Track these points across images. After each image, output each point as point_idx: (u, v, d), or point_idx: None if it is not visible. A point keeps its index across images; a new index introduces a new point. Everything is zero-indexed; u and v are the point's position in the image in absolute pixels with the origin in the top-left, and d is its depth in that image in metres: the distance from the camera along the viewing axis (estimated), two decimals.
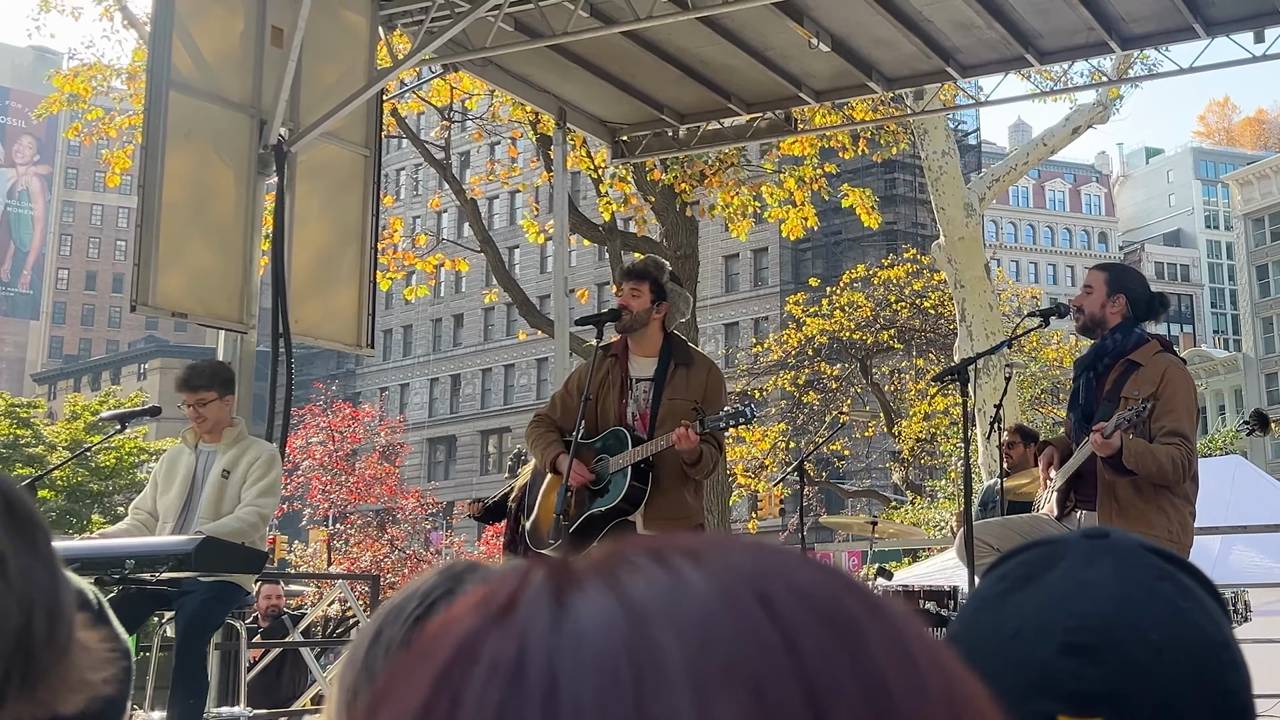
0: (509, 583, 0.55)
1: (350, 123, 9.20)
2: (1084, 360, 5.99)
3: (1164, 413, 5.53)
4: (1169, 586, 0.99)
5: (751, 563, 0.55)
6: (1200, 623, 0.97)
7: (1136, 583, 0.98)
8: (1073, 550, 1.01)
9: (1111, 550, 1.01)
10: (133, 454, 36.38)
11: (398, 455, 47.24)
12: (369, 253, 9.32)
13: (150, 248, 7.73)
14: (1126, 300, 5.85)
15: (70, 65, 18.68)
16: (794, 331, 32.53)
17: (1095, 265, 6.25)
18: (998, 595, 1.02)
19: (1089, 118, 18.11)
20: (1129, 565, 0.99)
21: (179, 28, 8.13)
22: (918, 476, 32.83)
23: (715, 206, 17.21)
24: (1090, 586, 0.98)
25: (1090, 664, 0.94)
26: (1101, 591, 0.97)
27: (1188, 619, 0.97)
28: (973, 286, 16.68)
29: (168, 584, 5.96)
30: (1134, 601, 0.96)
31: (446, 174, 19.38)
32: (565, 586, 0.54)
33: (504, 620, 0.53)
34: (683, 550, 0.55)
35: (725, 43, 10.20)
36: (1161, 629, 0.95)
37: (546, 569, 0.56)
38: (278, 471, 6.56)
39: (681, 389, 6.31)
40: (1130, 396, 5.56)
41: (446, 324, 67.21)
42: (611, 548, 0.57)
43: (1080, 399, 5.86)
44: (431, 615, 1.38)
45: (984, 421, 14.95)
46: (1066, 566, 1.00)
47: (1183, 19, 9.64)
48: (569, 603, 0.52)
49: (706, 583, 0.53)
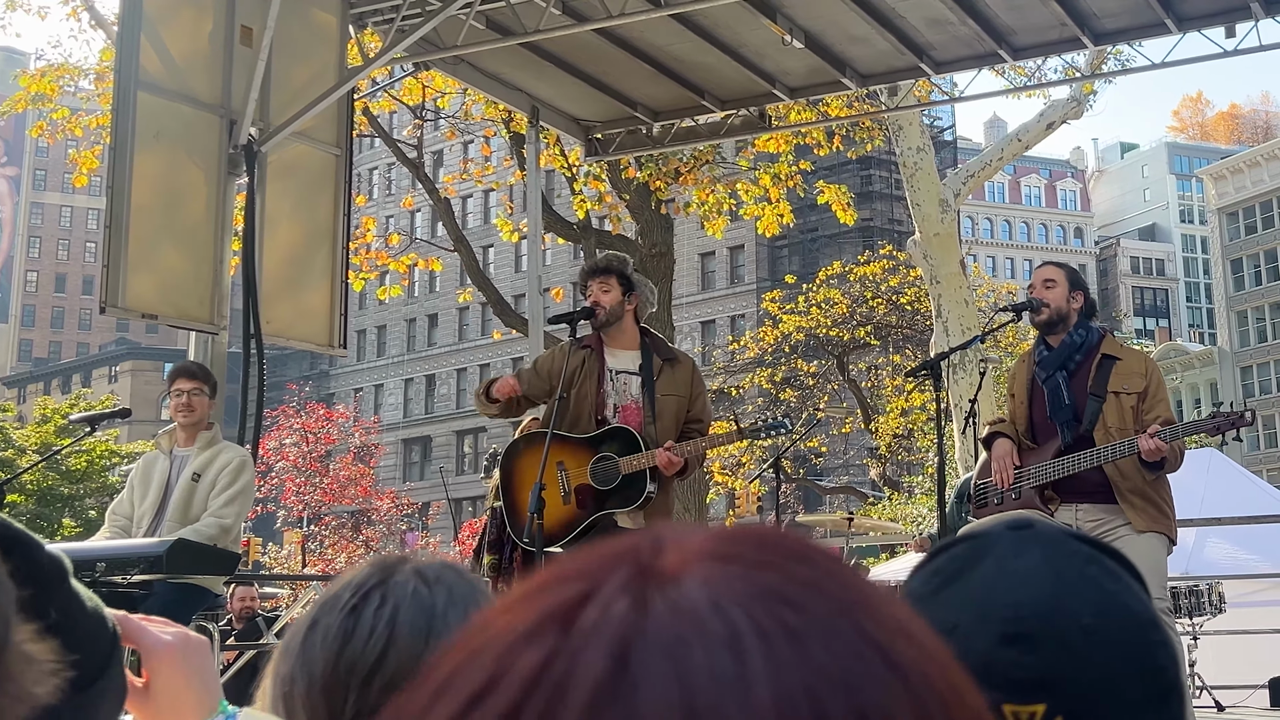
0: (587, 570, 0.54)
1: (321, 122, 9.15)
2: (1053, 359, 5.98)
3: (1155, 403, 5.79)
4: (1096, 570, 1.00)
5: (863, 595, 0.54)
6: (1129, 603, 0.99)
7: (1066, 569, 0.99)
8: (1000, 541, 1.03)
9: (1038, 539, 1.02)
10: (103, 457, 36.21)
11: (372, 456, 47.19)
12: (340, 253, 9.27)
13: (120, 249, 7.67)
14: (1083, 297, 6.04)
15: (37, 65, 18.53)
16: (770, 329, 32.54)
17: (1048, 263, 6.33)
18: (931, 591, 1.02)
19: (1063, 113, 18.14)
20: (1057, 552, 1.01)
21: (147, 28, 8.06)
22: (895, 472, 32.89)
23: (690, 204, 17.20)
24: (1022, 575, 0.99)
25: (1028, 651, 0.95)
26: (1034, 579, 0.98)
27: (1117, 601, 0.99)
28: (948, 282, 16.69)
29: (139, 587, 5.92)
30: (1065, 587, 0.98)
31: (419, 173, 19.32)
32: (652, 588, 0.52)
33: (565, 629, 0.51)
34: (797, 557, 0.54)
35: (699, 40, 10.19)
36: (1093, 612, 0.97)
37: (631, 558, 0.54)
38: (248, 478, 6.53)
39: (670, 385, 6.37)
40: (1121, 391, 5.76)
41: (420, 324, 67.08)
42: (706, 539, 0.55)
43: (1066, 399, 5.86)
44: (365, 605, 1.43)
45: (959, 416, 14.97)
46: (996, 558, 1.01)
47: (1154, 14, 9.67)
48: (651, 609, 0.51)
49: (822, 629, 0.52)
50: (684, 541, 0.55)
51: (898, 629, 0.53)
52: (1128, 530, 5.66)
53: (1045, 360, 6.01)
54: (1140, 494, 5.70)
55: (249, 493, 6.55)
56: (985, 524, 1.11)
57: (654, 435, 6.23)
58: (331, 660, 1.41)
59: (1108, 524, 5.70)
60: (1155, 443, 5.49)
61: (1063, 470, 5.81)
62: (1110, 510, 5.74)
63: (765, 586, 0.52)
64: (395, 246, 21.03)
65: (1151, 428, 5.56)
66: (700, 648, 0.49)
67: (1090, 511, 5.78)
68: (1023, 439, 6.02)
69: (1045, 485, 5.88)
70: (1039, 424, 6.00)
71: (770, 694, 0.48)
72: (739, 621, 0.50)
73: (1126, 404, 5.77)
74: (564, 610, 0.52)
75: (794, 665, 0.49)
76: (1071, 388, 5.88)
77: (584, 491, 6.26)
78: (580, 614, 0.51)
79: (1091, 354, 5.89)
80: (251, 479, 6.58)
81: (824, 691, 0.49)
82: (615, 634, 0.50)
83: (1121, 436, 5.68)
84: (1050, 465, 5.84)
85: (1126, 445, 5.61)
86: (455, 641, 0.55)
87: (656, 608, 0.51)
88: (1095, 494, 5.78)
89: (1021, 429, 6.05)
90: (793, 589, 0.53)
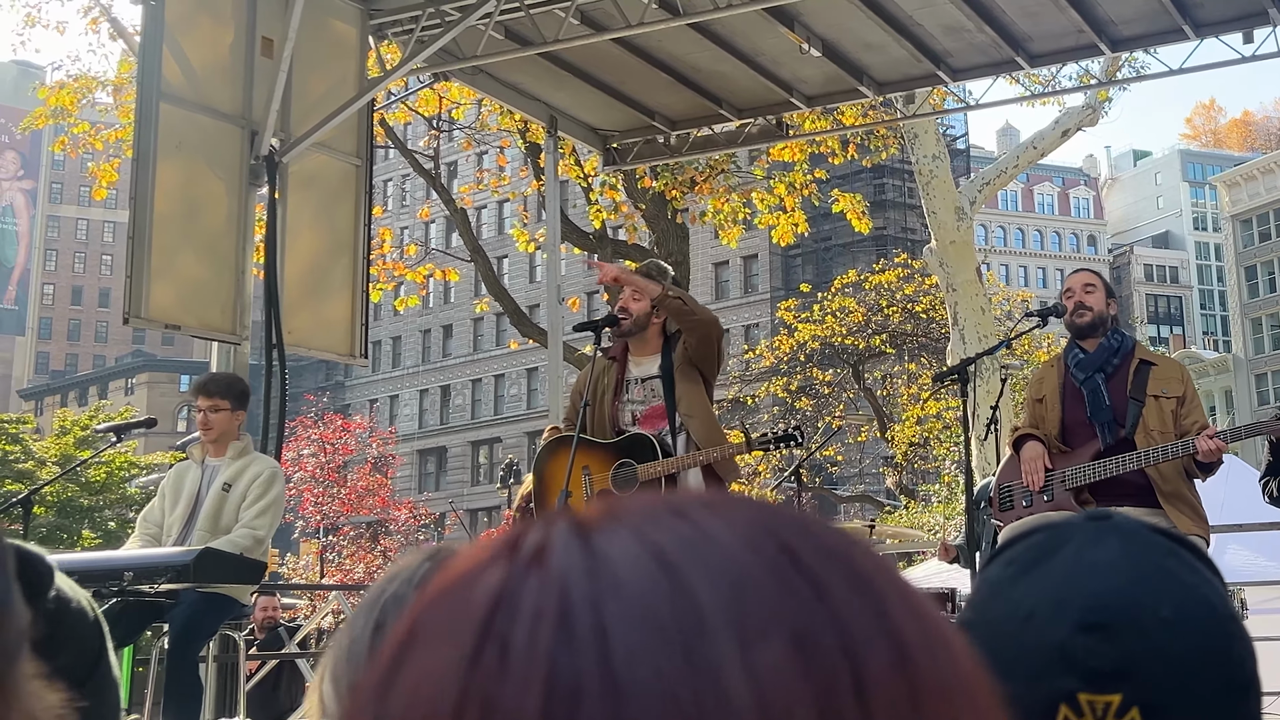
0: (532, 533, 0.56)
1: (341, 133, 9.19)
2: (1091, 362, 6.01)
3: (1193, 408, 5.91)
4: (1175, 563, 1.01)
5: (769, 518, 0.56)
6: (1208, 597, 0.99)
7: (1145, 561, 1.00)
8: (1079, 532, 1.03)
9: (1117, 530, 1.03)
10: (123, 469, 36.28)
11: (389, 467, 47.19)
12: (361, 262, 9.30)
13: (142, 260, 7.71)
14: (1116, 305, 6.20)
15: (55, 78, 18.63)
16: (785, 337, 32.51)
17: (1084, 268, 6.41)
18: (1008, 579, 1.03)
19: (1078, 121, 18.14)
20: (1136, 544, 1.01)
21: (169, 39, 8.11)
22: (911, 481, 32.82)
23: (706, 213, 17.22)
24: (1100, 566, 0.99)
25: (1106, 641, 0.95)
26: (1112, 570, 0.99)
27: (1196, 594, 0.99)
28: (965, 290, 16.68)
29: (166, 596, 5.94)
30: (1144, 579, 0.98)
31: (435, 184, 19.37)
32: (591, 536, 0.54)
33: (537, 568, 0.53)
34: (700, 504, 0.56)
35: (716, 49, 10.21)
36: (1172, 605, 0.97)
37: (566, 520, 0.56)
38: (279, 490, 6.53)
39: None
40: (1161, 395, 5.86)
41: (436, 334, 67.13)
42: (621, 503, 0.57)
43: (1106, 401, 5.89)
44: None
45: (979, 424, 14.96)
46: (1074, 548, 1.02)
47: (1172, 20, 9.67)
48: (599, 552, 0.53)
49: (730, 534, 0.54)
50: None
51: (879, 577, 0.55)
52: None
53: (1083, 362, 6.02)
54: (1179, 497, 5.75)
55: (280, 504, 6.55)
56: (1063, 516, 1.12)
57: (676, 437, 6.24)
58: None
59: None
60: (1216, 443, 5.56)
61: (1107, 471, 5.81)
62: (1152, 513, 5.71)
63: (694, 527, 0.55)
64: (411, 257, 21.08)
65: (1210, 429, 5.64)
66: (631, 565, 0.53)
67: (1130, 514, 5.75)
68: (1053, 443, 6.03)
69: (1081, 487, 5.89)
70: (1071, 427, 6.00)
71: (708, 595, 0.51)
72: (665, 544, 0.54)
73: (1167, 408, 5.83)
74: (510, 546, 0.56)
75: (727, 571, 0.52)
76: (1110, 390, 5.92)
77: (605, 497, 6.27)
78: (524, 544, 0.55)
79: (1128, 358, 5.98)
80: (282, 490, 6.59)
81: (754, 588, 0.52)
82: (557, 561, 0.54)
83: (1163, 439, 5.73)
84: (1091, 466, 5.83)
85: (1180, 446, 5.65)
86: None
87: (597, 539, 0.54)
88: (1136, 495, 5.77)
89: (1053, 433, 6.04)
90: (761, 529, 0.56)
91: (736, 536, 0.53)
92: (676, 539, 0.53)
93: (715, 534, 0.53)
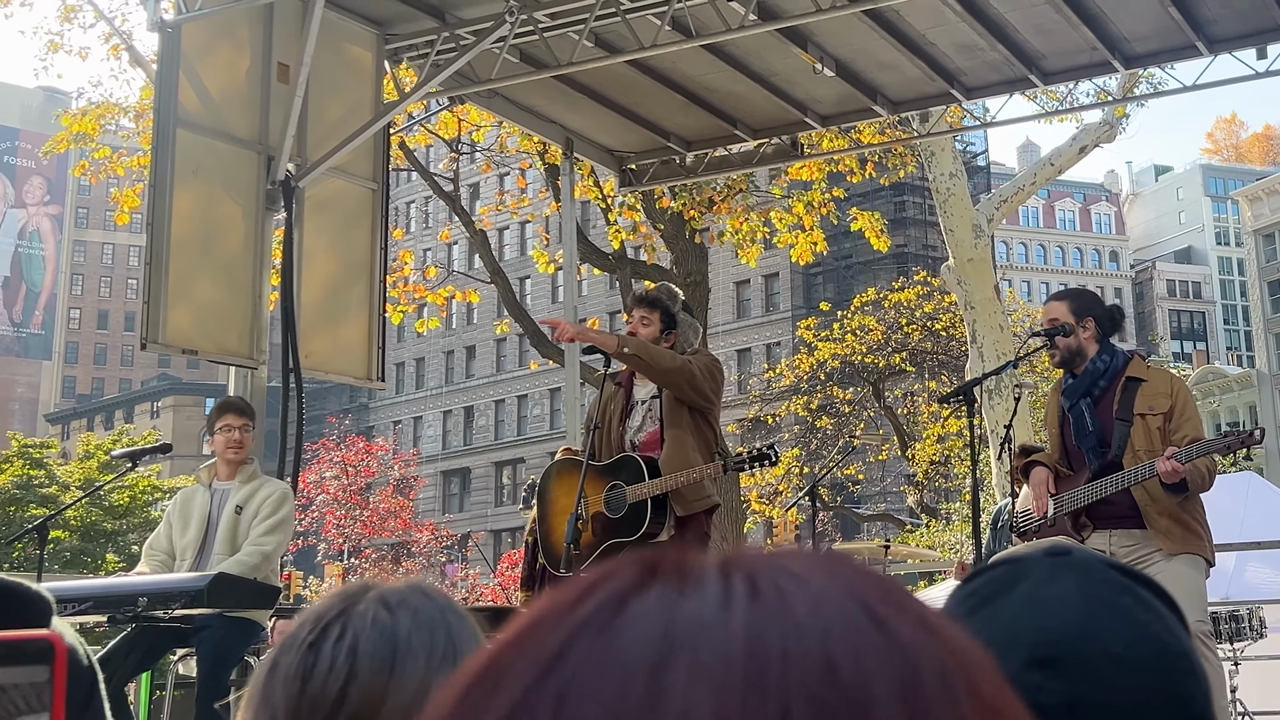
0: (611, 580, 0.56)
1: (357, 157, 9.24)
2: (1076, 388, 5.93)
3: (1183, 422, 5.72)
4: (1129, 601, 1.01)
5: (853, 573, 0.57)
6: (1160, 635, 1.00)
7: (1099, 598, 1.00)
8: (1037, 567, 1.04)
9: (1074, 567, 1.03)
10: (146, 492, 36.39)
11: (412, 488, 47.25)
12: (378, 286, 9.35)
13: (159, 285, 7.77)
14: (1095, 322, 5.94)
15: (79, 105, 18.78)
16: (806, 356, 32.49)
17: (1052, 297, 6.24)
18: (965, 613, 1.04)
19: (1096, 137, 18.10)
20: (1091, 581, 1.02)
21: (185, 66, 8.18)
22: (932, 499, 32.73)
23: (725, 233, 17.23)
24: (1054, 602, 1.00)
25: (1055, 676, 0.96)
26: (1065, 607, 1.00)
27: (1149, 632, 0.99)
28: (983, 308, 16.65)
29: (181, 621, 5.97)
30: (1097, 616, 0.99)
31: (455, 206, 19.44)
32: (680, 588, 0.55)
33: (616, 617, 0.54)
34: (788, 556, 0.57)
35: (730, 70, 10.24)
36: (1124, 642, 0.98)
37: (645, 569, 0.57)
38: (288, 510, 6.57)
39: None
40: (1147, 413, 5.71)
41: (459, 356, 67.26)
42: (722, 555, 0.58)
43: (1090, 426, 5.84)
44: (324, 640, 1.37)
45: (995, 442, 14.92)
46: (1031, 583, 1.03)
47: (1185, 37, 9.66)
48: (681, 612, 0.54)
49: (831, 589, 0.55)
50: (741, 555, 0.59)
51: (904, 609, 0.56)
52: (1161, 555, 5.60)
53: (1069, 389, 5.97)
54: (1169, 515, 5.63)
55: (289, 524, 6.59)
56: (1024, 550, 1.12)
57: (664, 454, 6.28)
58: (294, 700, 1.35)
59: (1141, 549, 5.64)
60: (1171, 464, 5.42)
61: (1089, 496, 5.76)
62: (1143, 535, 5.69)
63: (778, 566, 0.56)
64: (433, 279, 21.14)
65: (1168, 450, 5.49)
66: (693, 600, 0.54)
67: (1123, 538, 5.73)
68: (1059, 467, 6.01)
69: (1079, 512, 5.86)
70: (1071, 452, 5.97)
71: (743, 633, 0.52)
72: (736, 582, 0.55)
73: (1153, 425, 5.71)
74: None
75: (774, 614, 0.53)
76: (1097, 414, 5.85)
77: (598, 520, 6.30)
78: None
79: (1116, 378, 5.85)
80: (291, 511, 6.63)
81: (796, 637, 0.52)
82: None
83: (1150, 458, 5.62)
84: (1079, 492, 5.81)
85: (1147, 468, 5.56)
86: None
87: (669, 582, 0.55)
88: (1126, 519, 5.73)
89: (1056, 458, 6.03)
90: (784, 568, 0.56)
91: (839, 591, 0.55)
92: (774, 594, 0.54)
93: (816, 589, 0.55)
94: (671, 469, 6.16)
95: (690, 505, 6.23)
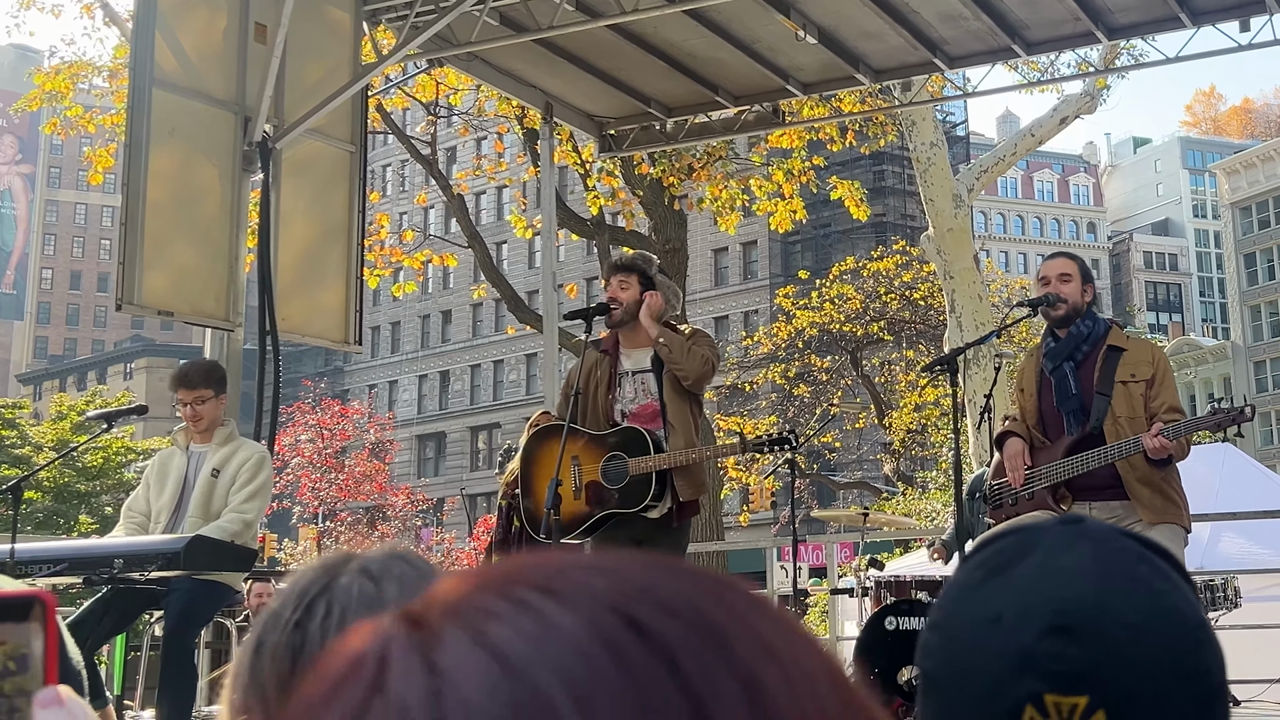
0: (371, 645, 0.56)
1: (335, 119, 9.17)
2: (1060, 351, 5.97)
3: (1162, 389, 5.81)
4: (1146, 569, 1.00)
5: (614, 590, 0.55)
6: (1177, 604, 0.99)
7: (1115, 566, 1.00)
8: (1049, 536, 1.03)
9: (1088, 535, 1.03)
10: (120, 454, 36.26)
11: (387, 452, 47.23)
12: (356, 249, 9.29)
13: (135, 246, 7.70)
14: (1092, 290, 6.08)
15: (51, 63, 18.57)
16: (784, 324, 32.51)
17: (1060, 254, 6.29)
18: (977, 582, 1.03)
19: (1077, 108, 18.11)
20: (1106, 550, 1.01)
21: (162, 25, 8.09)
22: (909, 468, 32.85)
23: (704, 200, 17.19)
24: (1069, 571, 0.99)
25: (1072, 644, 0.95)
26: (1081, 575, 0.99)
27: (1165, 601, 0.99)
28: (962, 278, 16.68)
29: (157, 583, 5.94)
30: (1113, 584, 0.98)
31: (433, 169, 19.33)
32: (431, 645, 0.54)
33: (379, 692, 0.53)
34: (536, 587, 0.55)
35: (712, 35, 10.19)
36: (1140, 611, 0.97)
37: (402, 625, 0.56)
38: (267, 474, 6.53)
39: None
40: (1129, 380, 5.79)
41: (435, 320, 67.10)
42: (456, 590, 0.57)
43: (1074, 389, 5.86)
44: (310, 617, 1.35)
45: (974, 412, 14.95)
46: (1044, 552, 1.02)
47: (1169, 9, 9.65)
48: (440, 666, 0.53)
49: (572, 619, 0.53)
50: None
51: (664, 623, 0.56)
52: (1141, 526, 5.64)
53: (1052, 351, 5.99)
54: (1148, 483, 5.69)
55: (268, 488, 6.55)
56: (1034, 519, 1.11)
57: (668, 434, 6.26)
58: (284, 681, 1.31)
59: (1122, 520, 5.65)
60: (1160, 441, 5.50)
61: (1072, 470, 5.79)
62: (1122, 506, 5.73)
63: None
64: (409, 243, 21.05)
65: (1155, 426, 5.55)
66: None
67: (1103, 509, 5.75)
68: (1034, 435, 6.01)
69: (1058, 484, 5.88)
70: (1048, 417, 5.98)
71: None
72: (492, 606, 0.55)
73: (1135, 392, 5.77)
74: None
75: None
76: (1079, 378, 5.88)
77: (593, 488, 6.28)
78: (365, 666, 0.56)
79: (1098, 345, 5.90)
80: (270, 475, 6.59)
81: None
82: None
83: (1131, 425, 5.68)
84: (1061, 465, 5.82)
85: (1133, 444, 5.61)
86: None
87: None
88: (1106, 490, 5.78)
89: (1032, 423, 6.04)
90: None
91: (579, 621, 0.53)
92: (517, 636, 0.53)
93: (557, 623, 0.53)
94: (677, 447, 6.18)
95: (698, 489, 6.29)
